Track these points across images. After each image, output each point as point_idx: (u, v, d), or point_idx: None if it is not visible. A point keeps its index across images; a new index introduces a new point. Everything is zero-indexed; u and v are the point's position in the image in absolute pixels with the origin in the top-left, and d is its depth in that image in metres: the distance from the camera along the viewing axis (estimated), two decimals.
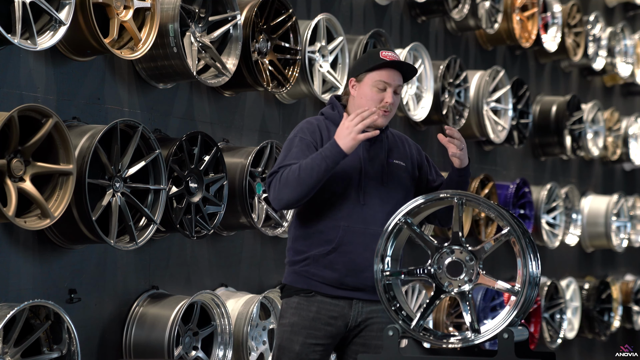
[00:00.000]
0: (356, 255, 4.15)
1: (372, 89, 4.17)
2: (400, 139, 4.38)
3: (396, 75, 4.19)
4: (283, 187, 4.04)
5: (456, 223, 3.80)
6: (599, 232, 10.19)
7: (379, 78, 4.16)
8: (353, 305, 4.20)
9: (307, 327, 4.16)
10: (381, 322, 4.22)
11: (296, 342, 4.17)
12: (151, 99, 5.55)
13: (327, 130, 4.21)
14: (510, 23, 8.58)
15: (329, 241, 4.15)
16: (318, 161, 4.01)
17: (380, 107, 4.16)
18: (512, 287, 3.76)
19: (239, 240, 6.09)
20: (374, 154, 4.24)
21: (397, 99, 4.22)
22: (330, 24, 6.50)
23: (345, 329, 4.20)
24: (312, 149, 4.13)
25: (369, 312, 4.22)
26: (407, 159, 4.32)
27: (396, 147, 4.32)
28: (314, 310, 4.17)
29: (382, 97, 4.17)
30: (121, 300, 5.34)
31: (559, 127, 9.43)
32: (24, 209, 4.61)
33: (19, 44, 4.48)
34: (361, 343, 4.22)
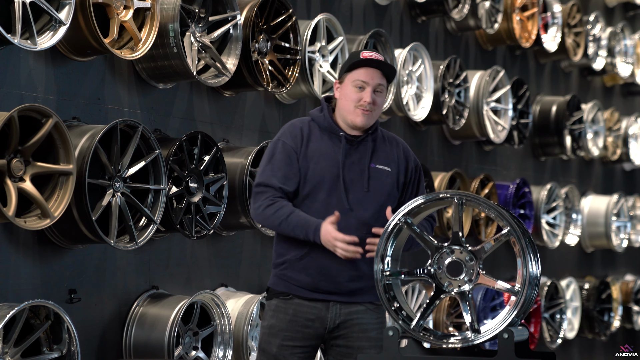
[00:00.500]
0: (328, 261, 4.13)
1: (352, 88, 4.17)
2: (391, 142, 4.32)
3: (375, 74, 4.18)
4: (263, 218, 4.16)
5: (456, 223, 3.80)
6: (599, 232, 10.19)
7: (357, 77, 4.16)
8: (330, 307, 4.18)
9: (284, 329, 4.17)
10: (362, 323, 4.21)
11: (273, 344, 4.17)
12: (151, 99, 5.55)
13: (310, 132, 4.21)
14: (510, 23, 8.58)
15: (302, 246, 4.16)
16: (298, 231, 4.09)
17: (358, 105, 4.16)
18: (512, 287, 3.76)
19: (239, 240, 6.09)
20: (356, 159, 4.20)
21: (380, 98, 4.20)
22: (330, 24, 6.50)
23: (324, 331, 4.19)
24: (292, 155, 4.15)
25: (348, 314, 4.19)
26: (394, 163, 4.26)
27: (382, 150, 4.26)
28: (290, 312, 4.17)
29: (361, 96, 4.16)
30: (121, 300, 5.34)
31: (559, 127, 9.43)
32: (24, 209, 4.61)
33: (19, 44, 4.48)
34: (344, 345, 4.20)
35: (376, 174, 4.21)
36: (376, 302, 4.25)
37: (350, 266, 4.14)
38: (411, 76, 7.29)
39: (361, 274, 4.17)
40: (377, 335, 4.24)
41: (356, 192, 4.16)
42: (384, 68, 4.20)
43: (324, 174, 4.14)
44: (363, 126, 4.19)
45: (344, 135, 4.19)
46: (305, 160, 4.17)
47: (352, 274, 4.16)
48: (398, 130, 7.65)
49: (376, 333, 4.24)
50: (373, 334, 4.23)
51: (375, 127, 4.28)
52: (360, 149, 4.22)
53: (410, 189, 4.30)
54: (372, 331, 4.23)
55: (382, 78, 4.20)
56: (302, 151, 4.17)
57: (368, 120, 4.19)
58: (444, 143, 8.29)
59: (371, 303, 4.24)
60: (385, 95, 4.25)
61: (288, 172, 4.15)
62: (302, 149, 4.17)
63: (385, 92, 4.25)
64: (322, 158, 4.17)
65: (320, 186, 4.14)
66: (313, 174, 4.15)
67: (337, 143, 4.20)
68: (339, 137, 4.20)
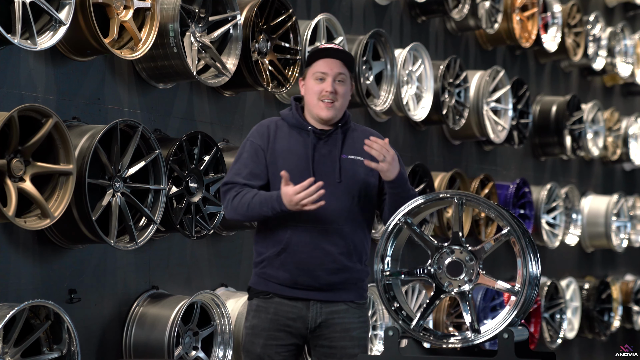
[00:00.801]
0: (306, 255, 4.13)
1: (314, 82, 4.19)
2: (363, 132, 4.30)
3: (334, 64, 4.19)
4: (233, 211, 4.16)
5: (456, 223, 3.80)
6: (599, 232, 10.19)
7: (317, 69, 4.19)
8: (310, 306, 4.17)
9: (267, 329, 4.17)
10: (343, 323, 4.19)
11: (257, 344, 4.18)
12: (151, 99, 5.55)
13: (276, 130, 4.22)
14: (510, 23, 8.58)
15: (279, 242, 4.16)
16: (265, 208, 4.09)
17: (321, 97, 4.16)
18: (512, 287, 3.76)
19: (239, 240, 6.09)
20: (326, 152, 4.20)
21: (342, 87, 4.20)
22: (330, 24, 6.50)
23: (306, 330, 4.18)
24: (259, 153, 4.18)
25: (329, 313, 4.18)
26: (367, 153, 4.19)
27: (354, 141, 4.25)
28: (271, 311, 4.17)
29: (322, 87, 4.18)
30: (121, 300, 5.34)
31: (559, 127, 9.43)
32: (24, 209, 4.61)
33: (19, 44, 4.48)
34: (327, 345, 4.19)
35: (348, 165, 4.20)
36: (357, 300, 4.24)
37: (328, 259, 4.14)
38: (411, 76, 7.29)
39: (340, 266, 4.16)
40: (359, 334, 4.22)
41: (328, 184, 4.13)
42: (340, 56, 4.21)
43: (293, 169, 4.15)
44: (329, 118, 4.19)
45: (311, 129, 4.19)
46: (273, 157, 4.19)
47: (330, 267, 4.14)
48: (398, 130, 7.65)
49: (359, 332, 4.22)
50: (355, 334, 4.21)
51: (346, 121, 4.27)
52: (330, 142, 4.21)
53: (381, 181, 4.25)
54: (354, 330, 4.21)
55: (341, 67, 4.20)
56: (270, 148, 4.19)
57: (334, 112, 4.19)
58: (444, 143, 8.29)
59: (352, 302, 4.22)
60: (348, 85, 4.24)
61: (254, 169, 4.18)
62: (269, 146, 4.19)
63: (348, 82, 4.24)
64: (290, 154, 4.18)
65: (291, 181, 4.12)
66: (282, 169, 4.14)
67: (305, 138, 4.20)
68: (307, 132, 4.20)
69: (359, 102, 6.70)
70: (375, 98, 6.89)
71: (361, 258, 4.24)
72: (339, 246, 4.15)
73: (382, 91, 6.93)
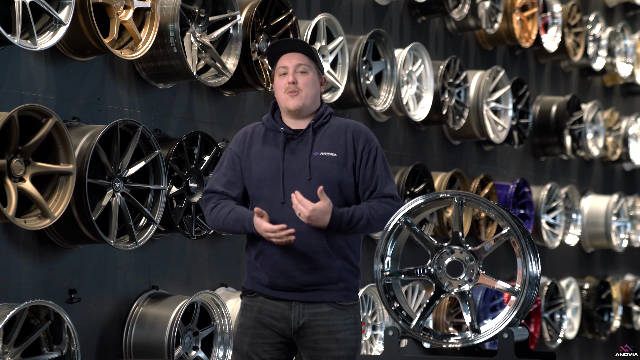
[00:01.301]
0: (279, 256, 4.13)
1: (278, 78, 4.23)
2: (341, 129, 4.24)
3: (292, 56, 4.21)
4: (212, 222, 4.24)
5: (456, 223, 3.80)
6: (599, 232, 10.19)
7: (278, 66, 4.23)
8: (292, 307, 4.17)
9: (252, 327, 4.18)
10: (327, 325, 4.16)
11: (244, 342, 4.19)
12: (151, 99, 5.55)
13: (253, 134, 4.24)
14: (510, 23, 8.58)
15: (255, 245, 4.18)
16: (238, 226, 4.16)
17: (285, 91, 4.18)
18: (512, 287, 3.76)
19: (239, 240, 6.09)
20: (299, 151, 4.18)
21: (303, 77, 4.20)
22: (330, 24, 6.50)
23: (290, 331, 4.17)
24: (235, 160, 4.22)
25: (312, 315, 4.16)
26: (340, 148, 4.18)
27: (328, 138, 4.21)
28: (255, 310, 4.19)
29: (284, 80, 4.20)
30: (121, 300, 5.34)
31: (559, 127, 9.43)
32: (24, 209, 4.61)
33: (19, 44, 4.48)
34: (312, 347, 4.17)
35: (319, 162, 4.16)
36: (341, 301, 4.18)
37: (302, 258, 4.12)
38: (411, 76, 7.29)
39: (315, 265, 4.12)
40: (345, 336, 4.17)
41: (299, 183, 4.12)
42: (297, 47, 4.23)
43: (264, 172, 4.16)
44: (296, 109, 4.18)
45: (283, 130, 4.19)
46: (247, 162, 4.21)
47: (305, 267, 4.12)
48: (398, 130, 7.65)
49: (344, 335, 4.17)
50: (340, 336, 4.16)
51: (320, 115, 4.23)
52: (303, 141, 4.20)
53: (363, 171, 4.20)
54: (339, 333, 4.16)
55: (301, 58, 4.22)
56: (245, 154, 4.22)
57: (299, 101, 4.19)
58: (444, 143, 8.29)
59: (335, 303, 4.17)
60: (312, 75, 4.22)
61: (231, 177, 4.22)
62: (244, 152, 4.22)
63: (313, 72, 4.23)
64: (262, 158, 4.19)
65: (263, 184, 4.15)
66: (256, 174, 4.18)
67: (278, 140, 4.21)
68: (280, 133, 4.21)
69: (359, 102, 6.70)
70: (375, 98, 6.89)
71: (345, 255, 4.18)
72: (312, 245, 4.11)
73: (382, 91, 6.93)
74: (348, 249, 4.19)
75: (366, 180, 4.20)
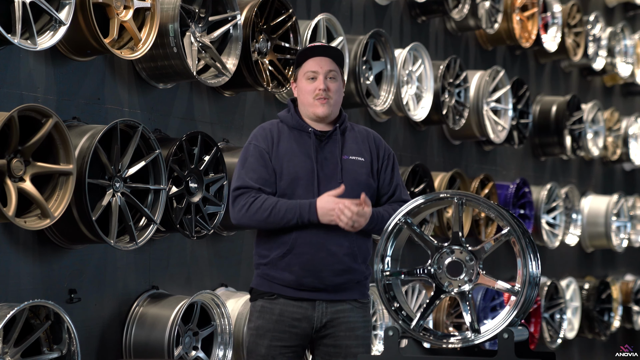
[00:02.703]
0: (311, 256, 4.14)
1: (305, 82, 4.22)
2: (362, 134, 4.32)
3: (323, 62, 4.21)
4: (248, 217, 4.15)
5: (456, 223, 3.80)
6: (599, 232, 10.19)
7: (307, 69, 4.22)
8: (316, 306, 4.18)
9: (272, 329, 4.17)
10: (349, 322, 4.20)
11: (262, 345, 4.18)
12: (151, 99, 5.55)
13: (279, 132, 4.24)
14: (510, 23, 8.58)
15: (284, 243, 4.16)
16: (291, 215, 4.10)
17: (315, 96, 4.19)
18: (512, 287, 3.76)
19: (239, 240, 6.09)
20: (327, 152, 4.22)
21: (334, 84, 4.22)
22: (330, 24, 6.50)
23: (312, 330, 4.19)
24: (265, 156, 4.19)
25: (335, 312, 4.19)
26: (366, 152, 4.26)
27: (354, 142, 4.27)
28: (277, 312, 4.17)
29: (315, 86, 4.20)
30: (121, 300, 5.34)
31: (559, 127, 9.43)
32: (24, 209, 4.61)
33: (19, 44, 4.48)
34: (331, 344, 4.20)
35: (350, 166, 4.22)
36: (361, 299, 4.26)
37: (333, 260, 4.15)
38: (411, 76, 7.29)
39: (345, 267, 4.17)
40: (363, 333, 4.24)
41: (332, 185, 4.16)
42: (329, 53, 4.24)
43: (298, 170, 4.17)
44: (325, 116, 4.21)
45: (312, 130, 4.21)
46: (277, 159, 4.20)
47: (336, 268, 4.15)
48: (398, 130, 7.65)
49: (362, 332, 4.24)
50: (360, 333, 4.22)
51: (343, 120, 4.29)
52: (330, 144, 4.23)
53: (384, 176, 4.30)
54: (359, 329, 4.22)
55: (331, 64, 4.23)
56: (274, 151, 4.20)
57: (329, 109, 4.21)
58: (444, 143, 8.29)
59: (356, 301, 4.24)
60: (340, 81, 4.27)
61: (263, 174, 4.19)
62: (273, 149, 4.21)
63: (340, 78, 4.26)
64: (294, 155, 4.19)
65: (297, 183, 4.15)
66: (288, 172, 4.17)
67: (306, 140, 4.22)
68: (308, 134, 4.22)
69: (359, 102, 6.70)
70: (375, 98, 6.89)
71: (365, 259, 4.26)
72: (343, 247, 4.16)
73: (382, 91, 6.93)
74: (367, 254, 4.27)
75: (385, 186, 4.30)
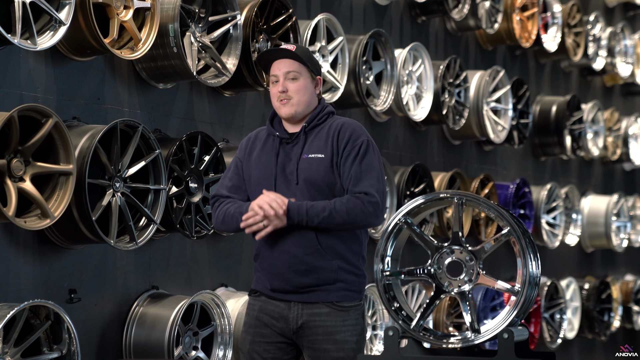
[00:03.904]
0: (275, 259, 4.14)
1: (271, 86, 4.25)
2: (332, 128, 4.21)
3: (282, 64, 4.21)
4: (220, 223, 4.23)
5: (456, 223, 3.80)
6: (599, 232, 10.19)
7: (270, 74, 4.25)
8: (291, 307, 4.17)
9: (253, 325, 4.21)
10: (325, 326, 4.13)
11: (247, 341, 4.22)
12: (151, 99, 5.55)
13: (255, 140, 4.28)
14: (510, 23, 8.58)
15: (255, 247, 4.24)
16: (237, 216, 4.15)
17: (278, 99, 4.20)
18: (512, 287, 3.76)
19: (239, 240, 6.09)
20: (291, 153, 4.21)
21: (294, 84, 4.20)
22: (330, 24, 6.50)
23: (290, 331, 4.17)
24: (239, 165, 4.27)
25: (310, 315, 4.14)
26: (328, 149, 4.17)
27: (318, 139, 4.20)
28: (257, 309, 4.22)
29: (276, 89, 4.22)
30: (121, 300, 5.34)
31: (559, 127, 9.43)
32: (24, 209, 4.61)
33: (19, 44, 4.48)
34: (310, 347, 4.17)
35: (307, 165, 4.17)
36: (340, 302, 4.13)
37: (295, 260, 4.11)
38: (411, 76, 7.29)
39: (309, 267, 4.11)
40: (345, 337, 4.12)
41: (289, 188, 4.15)
42: (285, 54, 4.22)
43: (260, 176, 4.20)
44: (288, 116, 4.21)
45: (278, 135, 4.22)
46: (248, 167, 4.25)
47: (298, 269, 4.11)
48: (398, 130, 7.65)
49: (344, 335, 4.12)
50: (339, 337, 4.12)
51: (313, 118, 4.22)
52: (297, 145, 4.22)
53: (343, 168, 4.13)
54: (337, 334, 4.12)
55: (290, 64, 4.20)
56: (246, 160, 4.27)
57: (291, 109, 4.19)
58: (444, 143, 8.29)
59: (333, 303, 4.13)
60: (303, 79, 4.21)
61: (237, 182, 4.27)
62: (246, 158, 4.27)
63: (304, 76, 4.22)
64: (260, 162, 4.22)
65: (259, 189, 4.16)
66: (254, 177, 4.22)
67: (272, 144, 4.25)
68: (274, 138, 4.25)
69: (359, 102, 6.70)
70: (375, 98, 6.89)
71: (342, 255, 4.13)
72: (304, 247, 4.11)
73: (382, 91, 6.93)
74: (345, 249, 4.13)
75: (344, 178, 4.13)
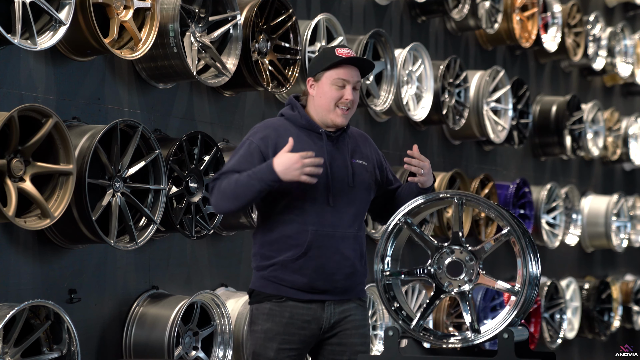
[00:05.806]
0: (326, 259, 4.11)
1: (331, 87, 4.15)
2: (362, 138, 4.32)
3: (354, 72, 4.18)
4: (221, 198, 4.05)
5: (456, 223, 3.80)
6: (599, 232, 10.19)
7: (337, 76, 4.15)
8: (325, 307, 4.16)
9: (281, 332, 4.12)
10: (355, 320, 4.19)
11: (270, 348, 4.12)
12: (151, 99, 5.55)
13: (286, 131, 4.14)
14: (510, 23, 8.58)
15: (297, 246, 4.09)
16: (253, 181, 3.99)
17: (339, 104, 4.14)
18: (512, 287, 3.76)
19: (239, 240, 6.09)
20: (338, 155, 4.18)
21: (357, 95, 4.21)
22: (330, 24, 6.50)
23: (319, 331, 4.16)
24: (256, 154, 4.09)
25: (342, 312, 4.17)
26: (368, 159, 4.27)
27: (358, 146, 4.27)
28: (287, 315, 4.12)
29: (342, 94, 4.15)
30: (121, 300, 5.34)
31: (559, 127, 9.43)
32: (24, 209, 4.62)
33: (19, 44, 4.49)
34: (337, 343, 4.18)
35: (358, 169, 4.21)
36: (363, 297, 4.27)
37: (347, 263, 4.13)
38: (411, 76, 7.29)
39: (354, 270, 4.16)
40: (366, 331, 4.25)
41: (342, 187, 4.15)
42: (363, 65, 4.21)
43: None
44: (342, 125, 4.18)
45: (324, 132, 4.17)
46: None
47: (347, 272, 4.14)
48: (398, 130, 7.65)
49: (365, 330, 4.24)
50: (363, 331, 4.23)
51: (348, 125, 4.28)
52: (338, 146, 4.20)
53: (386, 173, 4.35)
54: (362, 328, 4.22)
55: (358, 75, 4.21)
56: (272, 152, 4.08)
57: (347, 120, 4.20)
58: (444, 143, 8.29)
59: (359, 299, 4.24)
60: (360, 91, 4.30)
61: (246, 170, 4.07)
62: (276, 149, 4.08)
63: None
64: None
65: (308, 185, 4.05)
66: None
67: (316, 141, 4.16)
68: (319, 134, 4.17)
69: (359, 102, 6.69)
70: (375, 98, 6.89)
71: (366, 261, 4.28)
72: (354, 250, 4.15)
73: (382, 91, 6.93)
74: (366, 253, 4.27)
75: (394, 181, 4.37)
